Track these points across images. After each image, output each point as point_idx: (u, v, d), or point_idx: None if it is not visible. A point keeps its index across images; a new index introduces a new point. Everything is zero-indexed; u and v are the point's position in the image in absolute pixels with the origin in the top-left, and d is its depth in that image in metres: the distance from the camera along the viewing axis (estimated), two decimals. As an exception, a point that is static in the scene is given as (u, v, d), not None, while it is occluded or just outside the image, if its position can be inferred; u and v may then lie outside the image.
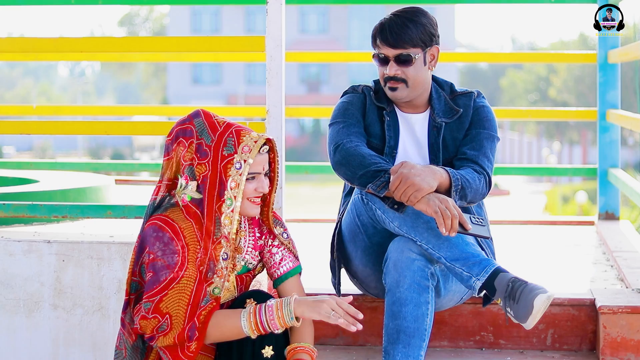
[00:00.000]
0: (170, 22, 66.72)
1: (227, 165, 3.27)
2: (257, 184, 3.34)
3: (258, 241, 3.52)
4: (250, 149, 3.28)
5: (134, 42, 5.01)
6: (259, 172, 3.35)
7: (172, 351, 3.25)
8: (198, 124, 3.33)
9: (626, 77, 23.20)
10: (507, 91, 58.81)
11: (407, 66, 3.83)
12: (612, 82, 6.25)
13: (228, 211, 3.28)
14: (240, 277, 3.46)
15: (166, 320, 3.21)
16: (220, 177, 3.27)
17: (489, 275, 3.52)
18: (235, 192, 3.27)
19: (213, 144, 3.29)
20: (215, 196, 3.28)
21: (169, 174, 3.35)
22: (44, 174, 7.11)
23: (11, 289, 4.35)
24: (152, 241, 3.27)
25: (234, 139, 3.29)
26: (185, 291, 3.23)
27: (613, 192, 6.31)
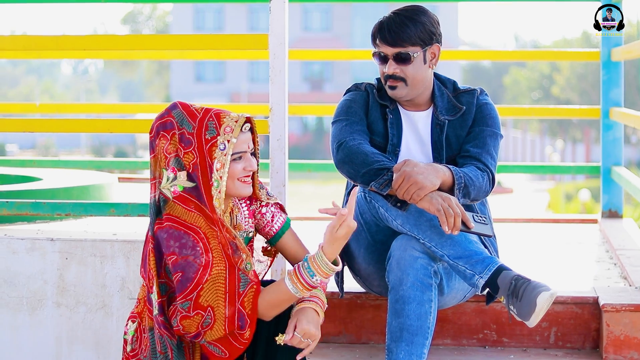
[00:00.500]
0: (173, 20, 66.78)
1: (211, 148, 3.28)
2: (244, 163, 3.35)
3: (250, 207, 3.53)
4: (232, 128, 3.29)
5: (137, 40, 5.02)
6: (245, 151, 3.35)
7: (225, 343, 3.24)
8: (177, 115, 3.33)
9: (629, 75, 23.15)
10: (510, 89, 58.78)
11: (406, 64, 3.83)
12: (615, 80, 6.25)
13: (216, 192, 3.28)
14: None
15: (209, 313, 3.20)
16: (208, 161, 3.28)
17: (492, 273, 3.52)
18: (221, 172, 3.27)
19: (195, 130, 3.30)
20: (205, 182, 3.29)
21: (158, 171, 3.36)
22: (47, 171, 7.11)
23: (14, 286, 4.35)
24: (167, 243, 3.25)
25: (215, 122, 3.30)
26: (219, 280, 3.22)
27: (616, 190, 6.31)
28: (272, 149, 4.26)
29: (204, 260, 3.21)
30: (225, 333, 3.21)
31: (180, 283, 3.21)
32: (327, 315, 4.24)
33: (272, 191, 4.30)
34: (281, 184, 4.29)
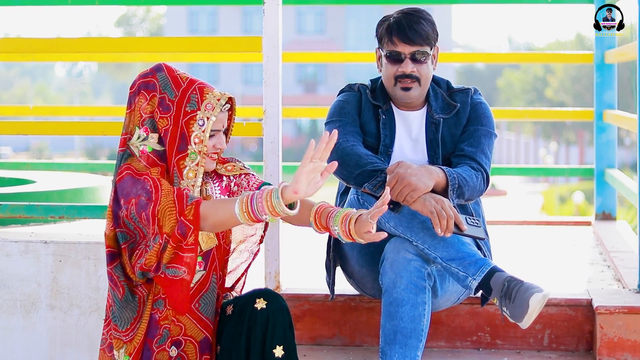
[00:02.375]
0: (167, 22, 66.73)
1: (189, 121, 3.32)
2: (216, 141, 3.39)
3: (223, 182, 3.53)
4: (213, 106, 3.33)
5: (131, 42, 5.01)
6: (219, 130, 3.39)
7: (178, 260, 3.25)
8: (161, 78, 3.38)
9: (623, 78, 23.19)
10: (504, 91, 58.80)
11: (422, 64, 3.85)
12: (609, 83, 6.26)
13: (192, 165, 3.33)
14: None
15: (165, 238, 3.23)
16: (182, 131, 3.32)
17: (485, 274, 3.52)
18: (199, 147, 3.32)
19: (176, 99, 3.34)
20: (175, 150, 3.33)
21: (131, 127, 3.38)
22: (40, 174, 7.11)
23: (8, 289, 4.35)
24: (126, 190, 3.30)
25: (197, 96, 3.34)
26: (169, 203, 3.24)
27: (610, 192, 6.32)
28: (266, 152, 4.26)
29: (156, 194, 3.25)
30: (174, 248, 3.23)
31: (145, 221, 3.25)
32: (320, 318, 4.25)
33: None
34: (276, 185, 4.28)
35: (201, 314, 3.41)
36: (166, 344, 3.35)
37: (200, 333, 3.41)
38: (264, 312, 3.35)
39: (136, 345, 3.35)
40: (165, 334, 3.35)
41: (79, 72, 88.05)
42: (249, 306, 3.36)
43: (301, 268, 4.98)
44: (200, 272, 3.41)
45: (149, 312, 3.37)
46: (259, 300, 3.37)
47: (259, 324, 3.34)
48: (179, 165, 3.34)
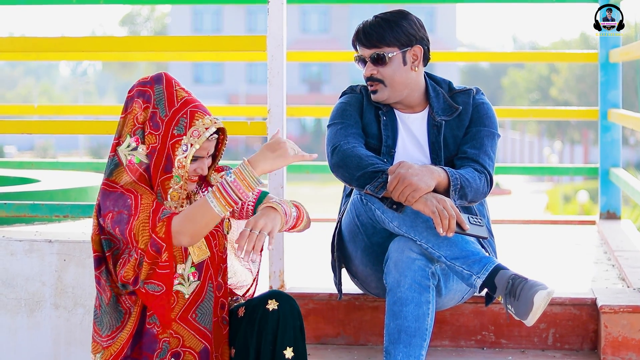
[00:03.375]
0: (171, 21, 66.73)
1: (175, 144, 3.31)
2: (197, 165, 3.38)
3: None
4: (199, 134, 3.31)
5: (135, 41, 5.02)
6: (202, 157, 3.38)
7: (156, 276, 3.28)
8: (157, 92, 3.36)
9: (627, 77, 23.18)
10: (508, 90, 58.77)
11: (382, 66, 3.85)
12: (614, 82, 6.25)
13: (176, 187, 3.34)
14: (211, 234, 3.44)
15: (140, 254, 3.25)
16: (168, 153, 3.31)
17: (490, 272, 3.52)
18: (182, 172, 3.32)
19: (166, 119, 3.32)
20: (160, 170, 3.33)
21: (123, 133, 3.39)
22: (45, 173, 7.11)
23: (12, 288, 4.35)
24: (106, 203, 3.32)
25: (187, 121, 3.32)
26: (145, 218, 3.26)
27: (614, 191, 6.31)
28: (270, 151, 4.25)
29: (134, 209, 3.26)
30: (149, 264, 3.25)
31: (122, 234, 3.27)
32: (325, 317, 4.25)
33: (270, 193, 4.29)
34: (279, 186, 4.29)
35: (199, 324, 3.41)
36: (167, 357, 3.36)
37: (199, 343, 3.41)
38: (275, 313, 3.35)
39: (113, 353, 3.35)
40: (165, 348, 3.35)
41: (84, 71, 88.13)
42: (261, 307, 3.37)
43: (305, 267, 4.99)
44: (195, 283, 3.41)
45: (133, 324, 3.37)
46: (271, 301, 3.37)
47: (270, 325, 3.34)
48: (164, 186, 3.33)
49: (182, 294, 3.39)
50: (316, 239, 5.54)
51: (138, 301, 3.36)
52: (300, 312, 3.40)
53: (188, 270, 3.39)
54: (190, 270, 3.40)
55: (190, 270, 3.40)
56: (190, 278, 3.40)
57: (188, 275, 3.40)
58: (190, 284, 3.40)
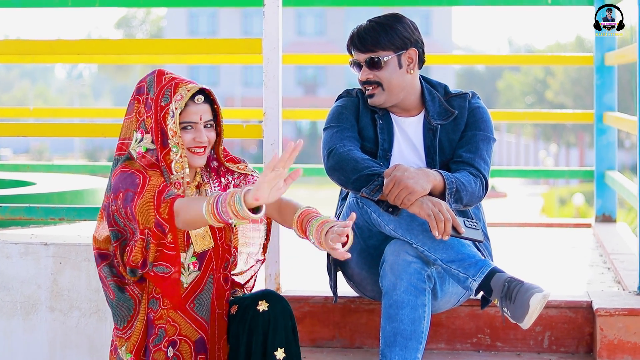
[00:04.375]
0: (167, 24, 66.75)
1: (165, 115, 3.35)
2: (195, 134, 3.38)
3: (221, 184, 3.55)
4: (182, 96, 3.34)
5: (131, 44, 5.01)
6: (195, 122, 3.38)
7: (164, 257, 3.30)
8: (149, 81, 3.42)
9: (623, 80, 23.18)
10: (504, 93, 58.81)
11: (378, 70, 3.84)
12: (609, 85, 6.26)
13: (177, 157, 3.35)
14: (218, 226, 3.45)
15: (147, 234, 3.27)
16: (161, 126, 3.35)
17: (485, 275, 3.52)
18: (176, 139, 3.34)
19: (155, 96, 3.37)
20: (160, 145, 3.35)
21: (129, 133, 3.43)
22: (40, 176, 7.12)
23: (8, 291, 4.35)
24: (117, 184, 3.34)
25: (171, 90, 3.36)
26: (149, 199, 3.27)
27: (610, 194, 6.32)
28: (266, 153, 4.26)
29: (141, 188, 3.28)
30: (156, 245, 3.26)
31: (131, 215, 3.28)
32: (320, 320, 4.25)
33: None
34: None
35: (196, 314, 3.42)
36: (162, 343, 3.36)
37: (195, 333, 3.42)
38: (265, 314, 3.36)
39: (135, 342, 3.37)
40: (161, 334, 3.36)
41: (79, 73, 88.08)
42: (252, 307, 3.38)
43: (301, 270, 4.98)
44: (195, 273, 3.42)
45: (145, 311, 3.38)
46: (262, 302, 3.38)
47: (260, 326, 3.35)
48: (166, 161, 3.36)
49: (181, 282, 3.39)
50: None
51: (146, 287, 3.37)
52: (293, 312, 3.41)
53: (189, 260, 3.41)
54: (191, 260, 3.41)
55: (191, 260, 3.41)
56: (191, 267, 3.41)
57: (188, 265, 3.41)
58: (190, 274, 3.41)
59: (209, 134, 3.43)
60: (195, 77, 64.55)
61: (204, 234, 3.43)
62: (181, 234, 3.37)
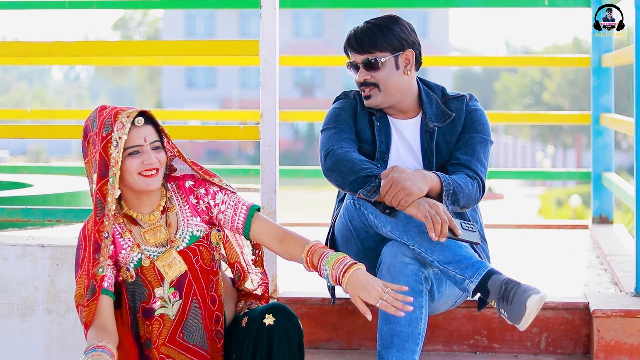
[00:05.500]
0: (164, 26, 66.71)
1: (107, 145, 3.30)
2: (142, 157, 3.34)
3: (198, 207, 3.48)
4: (123, 124, 3.29)
5: (128, 46, 5.03)
6: (140, 144, 3.34)
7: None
8: (92, 118, 3.38)
9: (620, 81, 23.18)
10: (501, 95, 58.81)
11: (375, 71, 3.85)
12: (606, 86, 6.26)
13: (110, 188, 3.31)
14: (191, 249, 3.43)
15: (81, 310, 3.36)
16: (102, 157, 3.30)
17: (482, 277, 3.53)
18: (115, 169, 3.29)
19: (97, 130, 3.33)
20: (99, 177, 3.31)
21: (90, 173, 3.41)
22: (38, 178, 7.11)
23: (5, 293, 4.35)
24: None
25: (111, 119, 3.31)
26: (82, 281, 3.35)
27: (607, 195, 6.32)
28: (263, 155, 4.26)
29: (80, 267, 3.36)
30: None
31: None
32: (317, 322, 4.25)
33: (263, 197, 4.29)
34: (272, 190, 4.29)
35: (187, 342, 3.42)
36: None
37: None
38: (270, 328, 3.35)
39: None
40: None
41: (76, 75, 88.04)
42: (259, 320, 3.37)
43: (298, 272, 4.98)
44: (178, 302, 3.41)
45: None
46: (268, 316, 3.37)
47: (265, 340, 3.35)
48: (102, 192, 3.31)
49: (167, 316, 3.40)
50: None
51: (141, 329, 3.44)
52: (301, 328, 3.41)
53: (167, 292, 3.40)
54: (170, 291, 3.40)
55: (170, 291, 3.40)
56: (172, 299, 3.40)
57: (169, 297, 3.40)
58: (173, 305, 3.40)
59: (158, 156, 3.37)
60: (193, 79, 64.60)
61: (170, 262, 3.41)
62: (152, 271, 3.39)
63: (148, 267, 3.38)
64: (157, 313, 3.40)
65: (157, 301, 3.39)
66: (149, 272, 3.39)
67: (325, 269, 3.34)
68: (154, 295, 3.39)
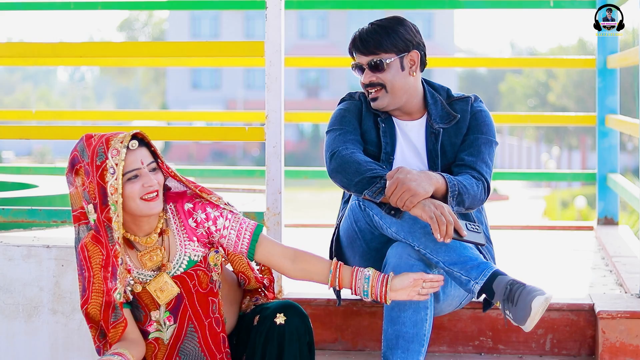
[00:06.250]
0: (169, 27, 66.75)
1: (102, 173, 3.23)
2: (142, 180, 3.29)
3: (197, 230, 3.44)
4: (118, 150, 3.23)
5: (133, 47, 5.03)
6: (138, 168, 3.29)
7: None
8: (79, 148, 3.31)
9: (625, 82, 23.15)
10: (506, 96, 58.79)
11: (381, 72, 3.84)
12: (611, 87, 6.26)
13: (115, 216, 3.25)
14: (188, 274, 3.41)
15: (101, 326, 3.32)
16: (100, 186, 3.24)
17: (488, 278, 3.52)
18: (115, 197, 3.23)
19: (89, 159, 3.26)
20: (100, 206, 3.25)
21: (78, 203, 3.36)
22: (43, 178, 7.11)
23: (10, 293, 4.35)
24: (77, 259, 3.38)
25: (103, 147, 3.25)
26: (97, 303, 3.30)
27: (612, 197, 6.31)
28: (268, 156, 4.26)
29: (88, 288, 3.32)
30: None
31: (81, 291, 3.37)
32: (322, 323, 4.25)
33: (268, 198, 4.29)
34: (277, 191, 4.29)
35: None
36: None
37: None
38: (281, 328, 3.36)
39: None
40: None
41: (81, 76, 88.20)
42: (270, 319, 3.37)
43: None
44: (172, 327, 3.41)
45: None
46: (280, 315, 3.37)
47: (276, 339, 3.35)
48: (108, 220, 3.26)
49: (161, 340, 3.40)
50: (314, 244, 5.52)
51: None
52: (312, 328, 3.41)
53: (163, 316, 3.39)
54: (165, 315, 3.39)
55: (165, 315, 3.39)
56: (167, 323, 3.40)
57: (164, 321, 3.39)
58: (168, 329, 3.40)
59: (157, 177, 3.33)
60: (198, 80, 64.64)
61: (161, 285, 3.38)
62: (147, 295, 3.38)
63: (141, 292, 3.38)
64: (151, 336, 3.40)
65: (153, 324, 3.39)
66: (145, 295, 3.38)
67: (364, 292, 3.46)
68: (150, 318, 3.39)
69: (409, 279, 3.43)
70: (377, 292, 3.42)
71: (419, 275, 3.45)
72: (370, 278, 3.44)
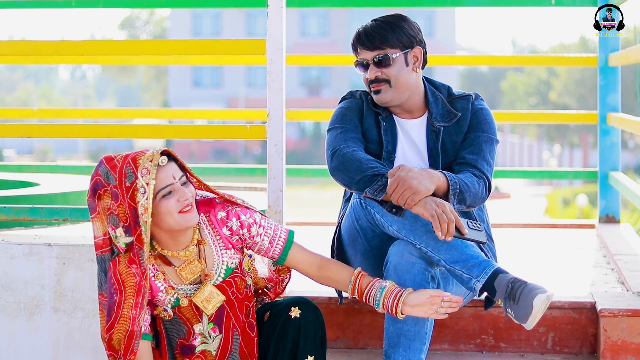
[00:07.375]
0: (171, 25, 66.77)
1: (133, 194, 3.21)
2: (177, 195, 3.27)
3: (232, 238, 3.44)
4: (148, 170, 3.21)
5: (134, 45, 5.02)
6: (171, 183, 3.27)
7: None
8: (102, 172, 3.28)
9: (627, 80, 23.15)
10: (507, 94, 58.80)
11: (387, 67, 3.84)
12: (613, 85, 6.25)
13: (145, 238, 3.23)
14: (227, 282, 3.41)
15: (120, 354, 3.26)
16: (131, 207, 3.21)
17: (489, 276, 3.52)
18: (145, 217, 3.20)
19: (117, 182, 3.23)
20: (134, 228, 3.24)
21: (102, 229, 3.33)
22: (44, 177, 7.12)
23: (12, 292, 4.35)
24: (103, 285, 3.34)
25: (132, 167, 3.22)
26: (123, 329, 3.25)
27: (613, 195, 6.31)
28: (270, 154, 4.26)
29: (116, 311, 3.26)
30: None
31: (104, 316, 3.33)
32: (324, 321, 4.24)
33: (270, 196, 4.29)
34: (279, 189, 4.29)
35: None
36: None
37: None
38: (296, 321, 3.36)
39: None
40: None
41: (83, 74, 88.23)
42: (284, 313, 3.37)
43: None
44: (218, 337, 3.40)
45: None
46: (294, 308, 3.38)
47: (291, 333, 3.35)
48: (141, 242, 3.24)
49: (209, 352, 3.38)
50: (316, 242, 5.52)
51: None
52: (324, 322, 3.43)
53: (207, 328, 3.38)
54: (209, 327, 3.38)
55: (209, 327, 3.38)
56: (212, 334, 3.39)
57: (209, 332, 3.38)
58: (214, 340, 3.38)
59: (189, 190, 3.31)
60: (199, 78, 64.65)
61: (208, 295, 3.38)
62: (190, 309, 3.37)
63: (186, 306, 3.37)
64: (197, 350, 3.38)
65: (197, 337, 3.38)
66: (187, 310, 3.37)
67: (376, 302, 3.48)
68: (194, 332, 3.37)
69: (426, 295, 3.43)
70: (388, 304, 3.44)
71: (437, 292, 3.45)
72: (385, 289, 3.46)
